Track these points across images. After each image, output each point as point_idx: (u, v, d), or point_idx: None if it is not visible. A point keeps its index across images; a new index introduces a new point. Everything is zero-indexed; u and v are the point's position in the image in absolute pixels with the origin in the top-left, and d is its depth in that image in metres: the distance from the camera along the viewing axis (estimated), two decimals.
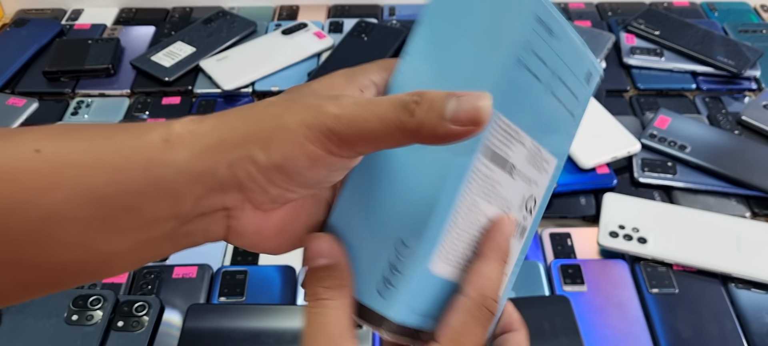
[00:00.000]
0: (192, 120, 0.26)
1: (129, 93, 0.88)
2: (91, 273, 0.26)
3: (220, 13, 0.99)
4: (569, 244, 0.66)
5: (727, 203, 0.70)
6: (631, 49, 0.91)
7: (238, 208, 0.26)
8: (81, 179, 0.24)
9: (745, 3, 1.04)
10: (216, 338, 0.55)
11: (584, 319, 0.58)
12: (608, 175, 0.72)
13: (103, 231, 0.24)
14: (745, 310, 0.59)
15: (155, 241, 0.25)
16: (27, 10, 1.06)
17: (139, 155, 0.24)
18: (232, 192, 0.25)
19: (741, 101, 0.85)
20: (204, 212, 0.25)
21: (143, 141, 0.25)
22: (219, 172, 0.25)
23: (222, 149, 0.25)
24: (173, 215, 0.25)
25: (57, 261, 0.25)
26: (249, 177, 0.25)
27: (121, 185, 0.24)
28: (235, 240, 0.28)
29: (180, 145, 0.25)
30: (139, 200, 0.24)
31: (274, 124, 0.25)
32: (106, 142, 0.25)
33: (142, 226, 0.25)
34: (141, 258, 0.26)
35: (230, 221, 0.26)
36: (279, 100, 0.26)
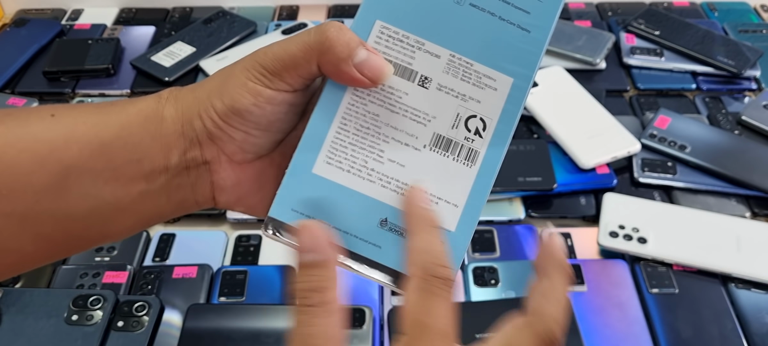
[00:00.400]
0: (176, 87, 0.31)
1: (129, 93, 0.88)
2: (101, 227, 0.30)
3: (220, 13, 0.99)
4: (569, 244, 0.66)
5: (727, 203, 0.70)
6: (631, 49, 0.91)
7: (215, 161, 0.30)
8: (92, 133, 0.28)
9: (745, 3, 1.04)
10: (216, 338, 0.55)
11: (584, 319, 0.58)
12: (608, 175, 0.72)
13: (111, 182, 0.29)
14: (745, 310, 0.59)
15: (153, 194, 0.30)
16: (27, 10, 1.06)
17: (138, 113, 0.29)
18: (207, 144, 0.30)
19: (741, 101, 0.85)
20: (189, 165, 0.30)
21: (141, 103, 0.30)
22: (195, 123, 0.29)
23: (194, 104, 0.30)
24: (165, 167, 0.30)
25: (72, 212, 0.29)
26: (214, 125, 0.29)
27: (126, 139, 0.29)
28: (220, 197, 0.31)
29: (167, 103, 0.30)
30: (139, 152, 0.29)
31: (226, 75, 0.30)
32: (110, 106, 0.30)
33: (143, 177, 0.29)
34: (142, 214, 0.30)
35: (212, 176, 0.31)
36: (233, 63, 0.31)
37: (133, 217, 0.30)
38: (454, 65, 0.29)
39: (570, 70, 0.86)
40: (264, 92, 0.29)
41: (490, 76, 0.30)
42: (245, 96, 0.29)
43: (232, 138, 0.30)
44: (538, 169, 0.71)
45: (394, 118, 0.29)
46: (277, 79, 0.29)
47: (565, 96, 0.81)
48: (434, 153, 0.29)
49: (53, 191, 0.28)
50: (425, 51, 0.29)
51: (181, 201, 0.31)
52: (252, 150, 0.31)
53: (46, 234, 0.29)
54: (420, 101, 0.29)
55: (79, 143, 0.28)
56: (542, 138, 0.77)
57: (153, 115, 0.29)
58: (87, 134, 0.28)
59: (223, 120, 0.29)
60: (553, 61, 0.89)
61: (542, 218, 0.70)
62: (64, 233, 0.29)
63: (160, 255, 0.65)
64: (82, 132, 0.28)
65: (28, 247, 0.29)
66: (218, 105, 0.29)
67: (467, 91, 0.29)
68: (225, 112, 0.29)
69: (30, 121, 0.29)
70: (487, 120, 0.29)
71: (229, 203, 0.32)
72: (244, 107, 0.29)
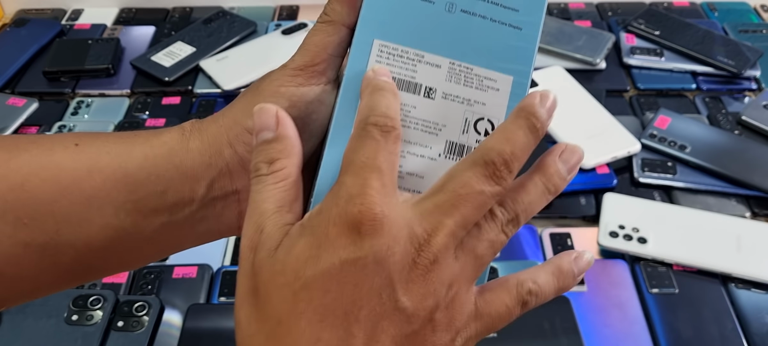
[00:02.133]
0: (196, 120, 0.30)
1: (129, 93, 0.88)
2: (120, 257, 0.29)
3: (220, 13, 0.99)
4: (569, 244, 0.66)
5: (727, 203, 0.70)
6: (631, 49, 0.91)
7: (245, 189, 0.30)
8: (115, 164, 0.28)
9: (745, 3, 1.04)
10: (216, 338, 0.55)
11: (584, 319, 0.58)
12: (608, 175, 0.72)
13: (133, 214, 0.28)
14: (745, 310, 0.59)
15: (176, 226, 0.29)
16: (27, 10, 1.06)
17: (163, 145, 0.29)
18: (238, 172, 0.29)
19: (741, 101, 0.85)
20: (217, 195, 0.30)
21: (164, 135, 0.29)
22: (224, 152, 0.29)
23: (221, 132, 0.29)
24: (191, 199, 0.29)
25: (92, 243, 0.28)
26: (247, 148, 0.29)
27: (150, 170, 0.28)
28: None
29: (191, 135, 0.29)
30: (164, 184, 0.28)
31: (252, 94, 0.29)
32: (134, 137, 0.29)
33: (166, 209, 0.29)
34: (164, 244, 0.30)
35: (241, 205, 0.30)
36: (257, 80, 0.31)
37: (153, 248, 0.30)
38: (455, 72, 0.30)
39: (570, 70, 0.86)
40: (298, 91, 0.29)
41: (490, 77, 0.30)
42: (280, 101, 0.28)
43: None
44: None
45: (407, 133, 0.29)
46: (309, 70, 0.29)
47: (565, 96, 0.81)
48: (450, 160, 0.30)
49: (75, 221, 0.28)
50: (426, 63, 0.30)
51: (204, 232, 0.30)
52: None
53: (64, 264, 0.28)
54: (428, 112, 0.30)
55: (102, 173, 0.28)
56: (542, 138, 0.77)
57: (178, 147, 0.29)
58: (111, 165, 0.28)
59: None
60: (553, 61, 0.89)
61: (542, 218, 0.70)
62: (83, 263, 0.29)
63: None
64: (106, 162, 0.28)
65: (46, 276, 0.29)
66: (250, 124, 0.29)
67: (471, 95, 0.30)
68: None
69: (54, 150, 0.28)
70: (495, 120, 0.30)
71: None
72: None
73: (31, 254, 0.28)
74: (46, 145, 0.28)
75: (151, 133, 0.30)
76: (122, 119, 0.83)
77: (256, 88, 0.30)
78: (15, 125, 0.80)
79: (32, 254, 0.28)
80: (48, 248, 0.28)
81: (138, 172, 0.28)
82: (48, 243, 0.28)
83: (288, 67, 0.30)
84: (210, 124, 0.30)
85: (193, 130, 0.30)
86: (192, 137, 0.29)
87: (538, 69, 0.85)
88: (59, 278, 0.29)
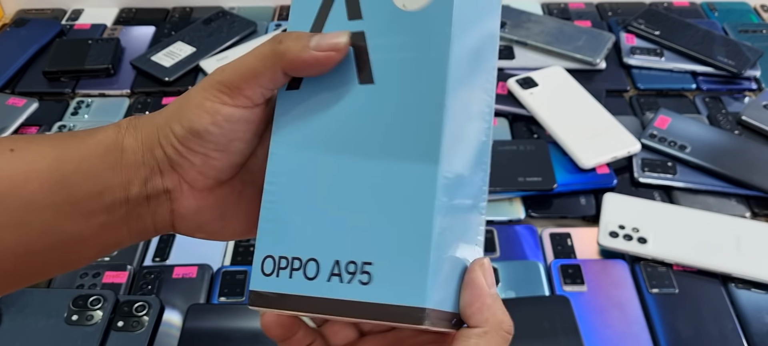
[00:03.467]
0: (135, 116, 0.31)
1: (129, 93, 0.88)
2: (60, 259, 0.30)
3: (220, 13, 0.99)
4: (569, 244, 0.66)
5: (727, 203, 0.70)
6: (631, 49, 0.91)
7: (177, 189, 0.30)
8: (53, 168, 0.28)
9: (745, 3, 1.04)
10: (216, 338, 0.55)
11: (584, 319, 0.58)
12: (608, 175, 0.72)
13: (72, 216, 0.28)
14: (745, 310, 0.59)
15: (114, 225, 0.30)
16: (27, 10, 1.06)
17: (98, 145, 0.29)
18: (168, 173, 0.30)
19: (741, 101, 0.85)
20: (149, 194, 0.30)
21: (100, 133, 0.30)
22: (155, 152, 0.30)
23: (154, 132, 0.30)
24: (126, 198, 0.29)
25: (33, 248, 0.28)
26: (175, 151, 0.29)
27: (86, 172, 0.29)
28: (180, 224, 0.31)
29: (126, 132, 0.30)
30: (100, 184, 0.29)
31: (184, 99, 0.30)
32: (70, 138, 0.29)
33: (104, 209, 0.29)
34: (103, 245, 0.30)
35: (173, 204, 0.31)
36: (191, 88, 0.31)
37: (93, 248, 0.30)
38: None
39: (570, 70, 0.86)
40: (222, 110, 0.29)
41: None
42: (203, 116, 0.29)
43: (193, 163, 0.30)
44: (538, 170, 0.71)
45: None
46: (236, 93, 0.29)
47: (565, 96, 0.81)
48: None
49: (14, 227, 0.27)
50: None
51: (140, 230, 0.31)
52: (212, 175, 0.30)
53: (5, 270, 0.28)
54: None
55: (39, 179, 0.28)
56: (542, 138, 0.77)
57: (113, 146, 0.29)
58: (48, 169, 0.28)
59: (182, 144, 0.29)
60: (553, 61, 0.89)
61: (542, 218, 0.70)
62: (24, 268, 0.29)
63: (160, 255, 0.65)
64: (43, 167, 0.28)
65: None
66: (177, 129, 0.29)
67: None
68: (184, 136, 0.29)
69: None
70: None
71: (189, 230, 0.32)
72: (203, 127, 0.29)
73: None
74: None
75: (87, 132, 0.30)
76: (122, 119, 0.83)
77: (185, 97, 0.30)
78: (15, 125, 0.80)
79: None
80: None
81: (74, 175, 0.28)
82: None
83: (216, 80, 0.29)
84: (145, 122, 0.30)
85: (129, 128, 0.30)
86: (127, 135, 0.30)
87: (538, 69, 0.85)
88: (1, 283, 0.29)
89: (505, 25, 0.94)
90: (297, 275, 0.28)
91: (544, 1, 1.04)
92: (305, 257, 0.28)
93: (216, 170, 0.30)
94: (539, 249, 0.66)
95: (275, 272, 0.28)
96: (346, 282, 0.27)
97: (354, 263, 0.27)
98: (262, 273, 0.29)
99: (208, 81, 0.29)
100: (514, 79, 0.82)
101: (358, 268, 0.27)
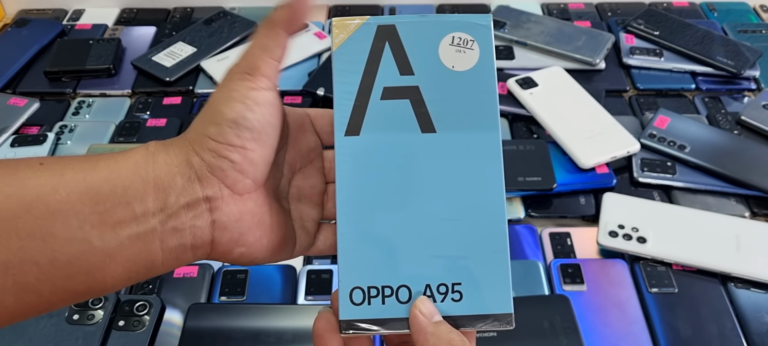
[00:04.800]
0: (159, 141, 0.31)
1: (130, 93, 0.88)
2: (86, 275, 0.29)
3: (221, 13, 0.99)
4: (569, 243, 0.66)
5: (727, 203, 0.70)
6: (630, 50, 0.91)
7: (217, 197, 0.30)
8: (80, 178, 0.28)
9: (745, 3, 1.05)
10: (217, 338, 0.56)
11: (584, 318, 0.58)
12: (608, 175, 0.72)
13: (99, 226, 0.28)
14: (745, 309, 0.59)
15: (145, 237, 0.29)
16: (28, 10, 1.06)
17: (127, 159, 0.30)
18: (206, 179, 0.30)
19: (740, 101, 0.85)
20: (188, 201, 0.30)
21: (129, 152, 0.30)
22: (192, 160, 0.30)
23: (186, 145, 0.30)
24: (160, 208, 0.29)
25: (56, 259, 0.28)
26: (212, 153, 0.30)
27: (115, 182, 0.29)
28: (221, 236, 0.31)
29: (157, 150, 0.30)
30: (129, 194, 0.29)
31: (208, 107, 0.31)
32: (99, 156, 0.30)
33: (133, 219, 0.29)
34: (131, 262, 0.29)
35: (213, 213, 0.30)
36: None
37: (120, 265, 0.29)
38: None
39: (570, 70, 0.86)
40: (250, 94, 0.30)
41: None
42: (235, 105, 0.30)
43: (232, 161, 0.30)
44: (537, 169, 0.71)
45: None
46: (256, 74, 0.31)
47: (564, 96, 0.81)
48: None
49: (39, 236, 0.27)
50: None
51: (176, 247, 0.30)
52: (251, 172, 0.31)
53: (28, 284, 0.28)
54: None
55: (67, 187, 0.28)
56: (542, 138, 0.77)
57: (143, 160, 0.30)
58: (75, 179, 0.28)
59: (220, 142, 0.30)
60: (553, 61, 0.89)
61: (542, 218, 0.70)
62: (48, 282, 0.28)
63: None
64: (70, 177, 0.28)
65: (9, 299, 0.28)
66: (212, 129, 0.30)
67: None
68: (221, 131, 0.30)
69: (18, 169, 0.28)
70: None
71: (229, 242, 0.31)
72: (239, 114, 0.30)
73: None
74: (11, 165, 0.28)
75: (116, 152, 0.30)
76: (123, 119, 0.83)
77: (209, 103, 0.31)
78: (16, 125, 0.80)
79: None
80: (11, 266, 0.27)
81: (103, 184, 0.28)
82: (10, 261, 0.27)
83: (232, 72, 0.31)
84: (175, 141, 0.31)
85: (158, 147, 0.30)
86: (157, 152, 0.30)
87: (538, 69, 0.85)
88: (23, 301, 0.28)
89: (505, 25, 0.94)
90: (390, 300, 0.32)
91: (544, 2, 1.04)
92: (396, 284, 0.32)
93: (253, 166, 0.31)
94: (539, 249, 0.66)
95: (366, 301, 0.32)
96: (439, 301, 0.32)
97: (445, 285, 0.32)
98: (352, 303, 0.31)
99: (226, 77, 0.31)
100: (514, 79, 0.82)
101: (448, 288, 0.32)
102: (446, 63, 0.33)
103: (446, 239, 0.32)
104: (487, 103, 0.33)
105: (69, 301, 0.29)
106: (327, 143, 0.36)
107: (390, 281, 0.32)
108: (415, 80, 0.33)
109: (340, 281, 0.32)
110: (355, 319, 0.31)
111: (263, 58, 0.31)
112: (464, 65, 0.33)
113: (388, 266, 0.32)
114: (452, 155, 0.32)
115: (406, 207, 0.32)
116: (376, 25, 0.33)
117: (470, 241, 0.32)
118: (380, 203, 0.32)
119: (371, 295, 0.32)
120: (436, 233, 0.32)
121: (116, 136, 0.80)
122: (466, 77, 0.32)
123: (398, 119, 0.32)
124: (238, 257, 0.32)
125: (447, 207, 0.32)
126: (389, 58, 0.33)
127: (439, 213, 0.32)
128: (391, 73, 0.33)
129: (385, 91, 0.32)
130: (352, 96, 0.32)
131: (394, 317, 0.31)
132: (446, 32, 0.33)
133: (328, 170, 0.37)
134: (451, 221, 0.32)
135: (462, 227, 0.32)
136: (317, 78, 0.86)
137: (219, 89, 0.31)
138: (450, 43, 0.33)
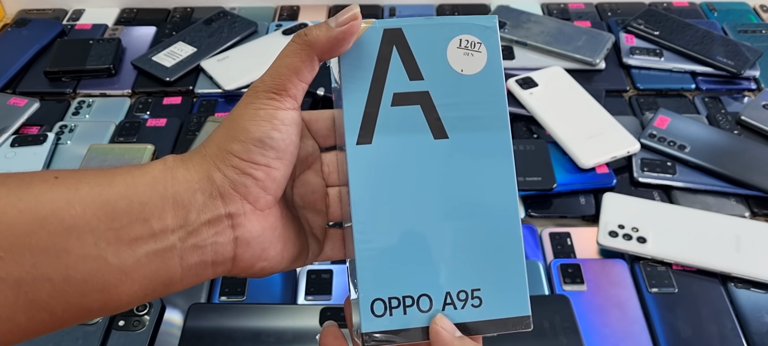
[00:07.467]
0: (175, 155, 0.31)
1: (130, 93, 0.88)
2: (101, 293, 0.28)
3: (221, 13, 0.99)
4: (569, 243, 0.66)
5: (727, 203, 0.70)
6: (630, 50, 0.91)
7: (240, 213, 0.30)
8: (95, 192, 0.27)
9: (745, 3, 1.05)
10: (217, 338, 0.56)
11: (584, 318, 0.58)
12: (608, 174, 0.72)
13: (115, 243, 0.27)
14: (745, 309, 0.59)
15: (163, 254, 0.28)
16: (28, 10, 1.06)
17: (144, 175, 0.29)
18: (229, 196, 0.29)
19: (740, 101, 0.85)
20: (210, 218, 0.29)
21: (146, 166, 0.29)
22: (214, 176, 0.29)
23: (206, 161, 0.30)
24: (180, 225, 0.28)
25: (70, 276, 0.27)
26: (236, 171, 0.29)
27: (132, 198, 0.28)
28: (243, 253, 0.30)
29: (175, 165, 0.29)
30: (147, 211, 0.28)
31: (231, 122, 0.30)
32: (115, 170, 0.29)
33: (151, 236, 0.28)
34: (148, 279, 0.28)
35: (236, 230, 0.30)
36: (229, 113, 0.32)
37: (136, 282, 0.28)
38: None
39: (570, 70, 0.86)
40: (277, 114, 0.30)
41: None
42: (262, 124, 0.30)
43: (256, 178, 0.30)
44: (538, 169, 0.71)
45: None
46: (284, 95, 0.30)
47: (564, 96, 0.81)
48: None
49: (53, 253, 0.26)
50: None
51: (196, 264, 0.29)
52: (273, 188, 0.31)
53: (41, 301, 0.27)
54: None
55: (82, 203, 0.27)
56: (542, 138, 0.77)
57: (161, 176, 0.29)
58: (90, 193, 0.27)
59: (245, 160, 0.29)
60: (553, 61, 0.89)
61: (542, 218, 0.70)
62: (61, 299, 0.27)
63: None
64: (86, 192, 0.27)
65: (21, 317, 0.27)
66: (237, 147, 0.29)
67: None
68: (246, 149, 0.29)
69: (33, 183, 0.27)
70: None
71: (251, 258, 0.31)
72: (266, 133, 0.30)
73: (5, 291, 0.26)
74: (25, 178, 0.27)
75: (133, 166, 0.29)
76: (123, 119, 0.83)
77: (232, 118, 0.30)
78: (16, 125, 0.80)
79: (7, 290, 0.26)
80: (23, 283, 0.26)
81: (119, 200, 0.27)
82: (24, 277, 0.26)
83: (260, 90, 0.30)
84: (193, 155, 0.30)
85: (176, 161, 0.30)
86: (176, 167, 0.29)
87: (538, 69, 0.85)
88: (35, 319, 0.27)
89: (505, 25, 0.94)
90: (411, 310, 0.32)
91: (544, 2, 1.04)
92: (416, 294, 0.32)
93: (276, 183, 0.31)
94: (539, 249, 0.66)
95: (387, 312, 0.31)
96: (460, 308, 0.32)
97: (465, 292, 0.32)
98: (373, 315, 0.31)
99: (252, 94, 0.30)
100: (514, 80, 0.82)
101: (468, 295, 0.32)
102: (455, 67, 0.33)
103: (463, 244, 0.32)
104: (497, 106, 0.33)
105: (83, 319, 0.28)
106: (324, 146, 0.36)
107: (411, 290, 0.32)
108: (425, 86, 0.32)
109: (360, 294, 0.31)
110: (376, 331, 0.31)
111: (292, 80, 0.30)
112: (473, 69, 0.33)
113: (407, 276, 0.32)
114: (465, 160, 0.32)
115: (422, 215, 0.32)
116: (382, 29, 0.32)
117: (487, 244, 0.32)
118: (396, 212, 0.32)
119: (392, 306, 0.31)
120: (452, 238, 0.32)
121: (116, 136, 0.80)
122: (476, 81, 0.33)
123: (410, 126, 0.32)
124: (259, 271, 0.32)
125: (462, 212, 0.32)
126: (398, 63, 0.32)
127: (454, 219, 0.32)
128: (401, 78, 0.32)
129: (396, 97, 0.32)
130: (363, 103, 0.32)
131: (414, 327, 0.31)
132: (453, 35, 0.33)
133: (327, 174, 0.36)
134: (467, 225, 0.32)
135: (477, 231, 0.32)
136: (317, 78, 0.86)
137: (243, 105, 0.30)
138: (458, 46, 0.33)
